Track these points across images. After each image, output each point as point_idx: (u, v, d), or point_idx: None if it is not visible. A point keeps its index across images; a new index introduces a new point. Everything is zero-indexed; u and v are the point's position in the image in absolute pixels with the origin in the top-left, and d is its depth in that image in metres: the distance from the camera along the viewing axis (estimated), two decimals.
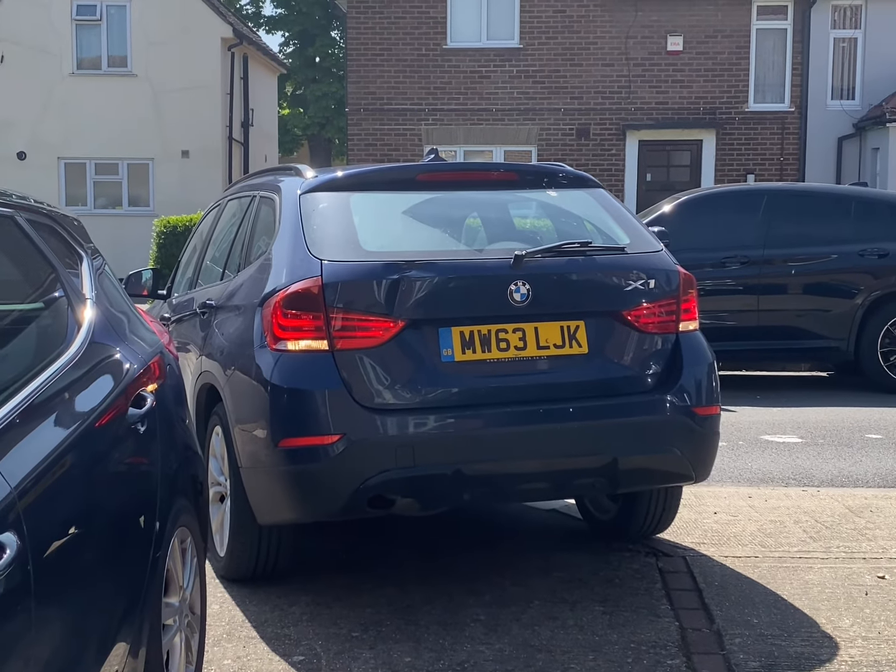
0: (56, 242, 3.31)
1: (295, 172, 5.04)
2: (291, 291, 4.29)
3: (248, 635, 4.23)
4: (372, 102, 22.07)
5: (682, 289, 4.74)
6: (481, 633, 4.24)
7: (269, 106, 31.24)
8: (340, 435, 4.16)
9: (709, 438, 4.72)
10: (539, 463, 4.45)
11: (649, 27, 21.56)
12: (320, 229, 4.52)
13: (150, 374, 3.42)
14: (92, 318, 3.18)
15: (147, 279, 6.29)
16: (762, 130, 21.84)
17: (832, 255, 10.69)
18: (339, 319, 4.23)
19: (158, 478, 3.20)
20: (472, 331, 4.37)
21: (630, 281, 4.63)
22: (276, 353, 4.29)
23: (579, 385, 4.51)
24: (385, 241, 4.67)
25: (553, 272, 4.55)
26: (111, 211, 25.07)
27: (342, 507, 4.24)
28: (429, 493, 4.32)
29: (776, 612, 4.45)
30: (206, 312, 5.16)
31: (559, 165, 5.38)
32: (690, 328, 4.77)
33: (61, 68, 24.90)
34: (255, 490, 4.43)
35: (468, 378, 4.36)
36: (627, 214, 5.07)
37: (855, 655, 4.02)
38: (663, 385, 4.62)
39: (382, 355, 4.24)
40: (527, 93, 21.85)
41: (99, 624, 2.63)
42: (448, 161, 5.69)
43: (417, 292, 4.31)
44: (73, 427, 2.66)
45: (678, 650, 4.08)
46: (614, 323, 4.59)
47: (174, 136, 24.68)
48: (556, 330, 4.49)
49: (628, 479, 4.64)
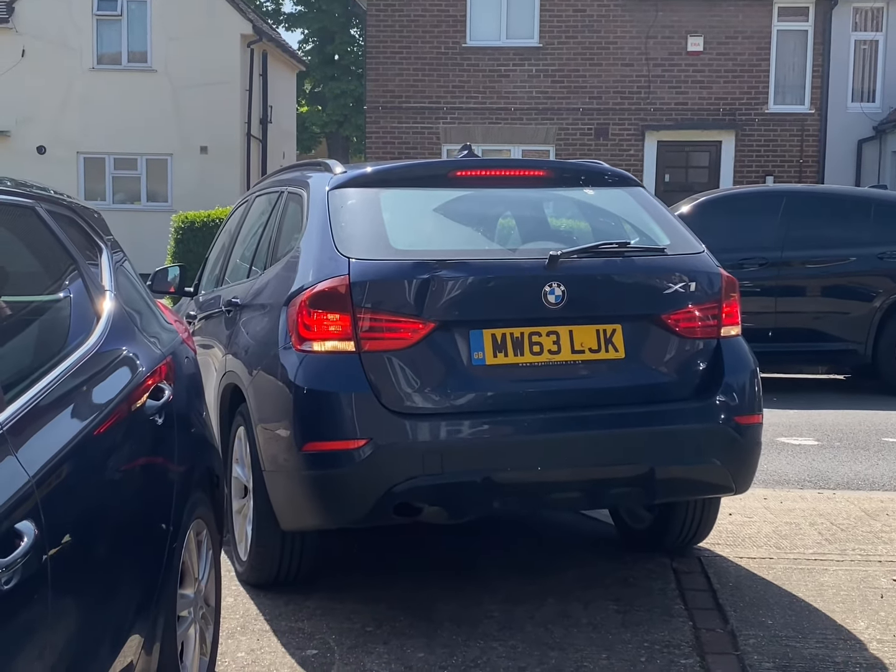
0: (76, 234, 3.33)
1: (324, 168, 4.92)
2: (318, 290, 4.17)
3: (261, 628, 4.24)
4: (390, 101, 22.07)
5: (725, 292, 4.57)
6: (495, 630, 4.24)
7: (288, 103, 31.27)
8: (366, 440, 4.04)
9: (750, 449, 4.54)
10: (572, 472, 4.30)
11: (670, 27, 21.50)
12: (349, 226, 4.40)
13: (168, 367, 3.43)
14: (111, 309, 3.20)
15: (174, 276, 6.13)
16: (782, 132, 21.75)
17: (851, 257, 10.65)
18: (366, 320, 4.10)
19: (175, 469, 3.21)
20: (504, 333, 4.23)
21: (670, 283, 4.46)
22: (301, 353, 4.16)
23: (615, 391, 4.36)
24: (415, 239, 4.55)
25: (589, 273, 4.40)
26: (129, 206, 25.14)
27: (367, 514, 4.11)
28: (457, 501, 4.16)
29: (791, 614, 4.43)
30: (232, 311, 5.07)
31: (596, 163, 5.25)
32: (732, 333, 4.59)
33: (81, 63, 24.99)
34: (278, 494, 4.32)
35: (499, 382, 4.23)
36: (667, 214, 4.90)
37: (869, 658, 4.00)
38: (703, 392, 4.45)
39: (411, 358, 4.11)
40: (546, 92, 21.82)
41: (114, 614, 2.64)
42: (481, 157, 5.56)
43: (448, 293, 4.18)
44: (91, 418, 2.67)
45: (692, 650, 4.07)
46: (653, 327, 4.43)
47: (193, 132, 24.73)
48: (592, 333, 4.34)
49: (665, 490, 4.45)
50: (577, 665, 3.92)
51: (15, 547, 2.04)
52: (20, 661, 2.08)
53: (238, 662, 3.92)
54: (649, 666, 3.92)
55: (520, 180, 4.88)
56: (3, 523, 2.04)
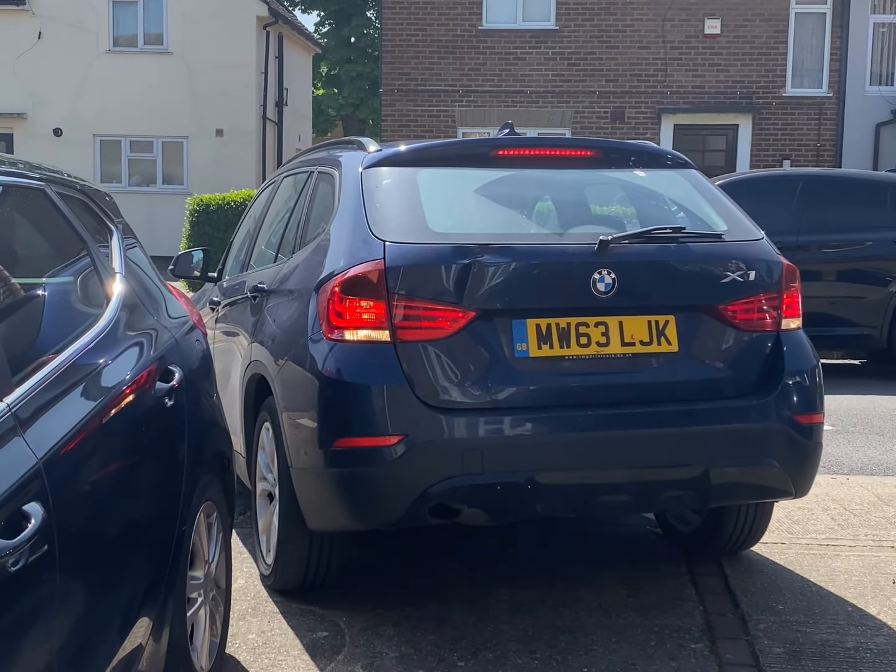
0: (87, 216, 3.33)
1: (357, 146, 4.66)
2: (351, 275, 3.91)
3: (272, 610, 4.25)
4: (406, 83, 22.02)
5: (785, 282, 4.30)
6: (505, 614, 4.24)
7: (304, 86, 31.23)
8: (401, 436, 3.79)
9: (811, 449, 4.26)
10: (622, 473, 4.03)
11: (687, 10, 21.36)
12: (384, 208, 4.14)
13: (178, 349, 3.44)
14: (121, 292, 3.20)
15: (198, 260, 5.88)
16: (799, 115, 21.62)
17: (867, 241, 10.58)
18: (402, 307, 3.85)
19: (185, 452, 3.22)
20: (549, 324, 3.97)
21: (727, 272, 4.18)
22: (332, 342, 3.91)
23: (668, 387, 4.10)
24: (455, 221, 4.32)
25: (642, 260, 4.13)
26: (145, 188, 25.17)
27: (401, 515, 3.86)
28: (498, 503, 3.90)
29: (802, 599, 4.42)
30: (258, 297, 4.81)
31: (646, 143, 4.99)
32: (793, 326, 4.32)
33: (98, 45, 25.00)
34: (305, 493, 4.05)
35: (544, 376, 3.97)
36: (723, 198, 4.63)
37: (881, 644, 4.00)
38: (762, 389, 4.18)
39: (449, 348, 3.86)
40: (562, 75, 21.73)
41: (123, 597, 2.65)
42: (524, 136, 5.23)
43: (490, 280, 3.92)
44: (100, 400, 2.67)
45: (702, 634, 4.07)
46: (708, 318, 4.16)
47: (208, 115, 24.73)
48: (643, 325, 4.07)
49: (720, 494, 4.17)
50: (587, 648, 3.92)
51: (22, 529, 2.05)
52: (28, 643, 2.09)
53: (249, 644, 3.93)
54: (659, 650, 3.92)
55: (566, 160, 4.60)
56: (10, 505, 2.05)
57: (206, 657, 3.39)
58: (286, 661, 3.80)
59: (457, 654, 3.87)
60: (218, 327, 5.52)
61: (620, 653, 3.89)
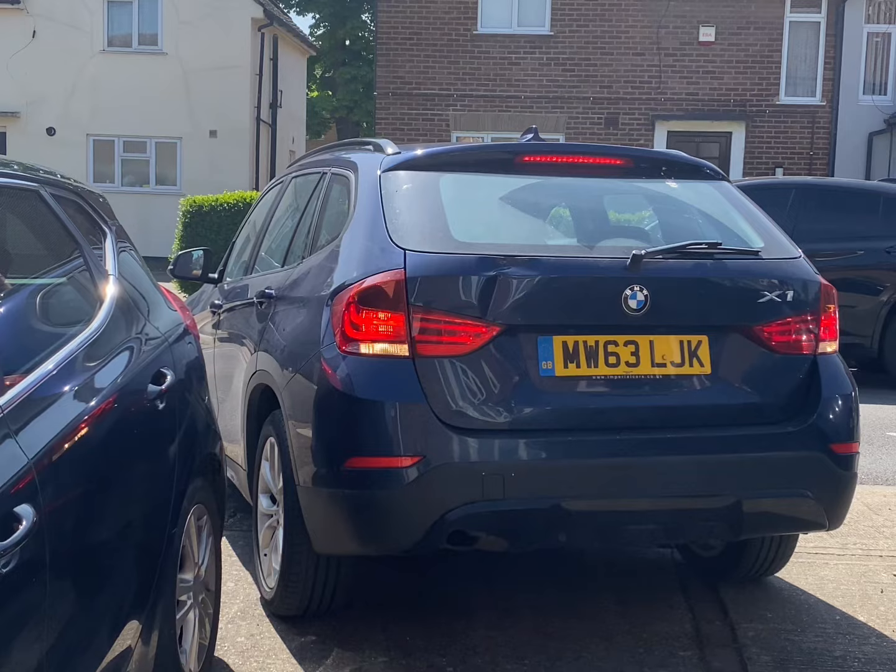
0: (81, 218, 3.33)
1: (374, 148, 4.43)
2: (368, 285, 3.69)
3: (261, 613, 4.25)
4: (401, 87, 22.04)
5: (823, 303, 4.11)
6: (495, 619, 4.24)
7: (298, 88, 31.24)
8: (419, 457, 3.58)
9: (847, 480, 4.05)
10: (650, 502, 3.82)
11: (681, 17, 21.43)
12: (404, 214, 3.92)
13: (171, 352, 3.44)
14: (114, 293, 3.20)
15: (197, 259, 5.69)
16: (792, 124, 21.69)
17: (859, 251, 10.62)
18: (422, 320, 3.65)
19: (176, 455, 3.22)
20: (576, 341, 3.78)
21: (764, 291, 3.98)
22: (346, 355, 3.70)
23: (699, 411, 3.90)
24: (479, 230, 4.08)
25: (676, 276, 3.93)
26: (138, 189, 25.16)
27: (416, 542, 3.64)
28: (520, 531, 3.71)
29: (790, 607, 4.44)
30: (265, 302, 4.54)
31: (678, 153, 4.73)
32: (829, 350, 4.13)
33: (92, 45, 24.98)
34: (313, 514, 3.83)
35: (570, 397, 3.78)
36: (759, 213, 4.41)
37: (868, 653, 4.01)
38: (797, 416, 3.97)
39: (471, 365, 3.66)
40: (556, 80, 21.77)
41: (113, 599, 2.65)
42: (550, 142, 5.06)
43: (515, 293, 3.72)
44: (92, 402, 2.67)
45: (691, 642, 4.08)
46: (743, 340, 3.97)
47: (202, 116, 24.73)
48: (675, 345, 3.88)
49: (752, 525, 3.97)
50: (577, 655, 3.93)
51: (13, 531, 2.05)
52: (18, 644, 2.08)
53: (238, 647, 3.93)
54: (648, 657, 3.93)
55: (594, 168, 4.40)
56: (1, 507, 2.05)
57: (194, 660, 3.39)
58: (275, 664, 3.80)
59: (446, 658, 3.87)
60: (219, 332, 5.32)
61: (609, 660, 3.90)
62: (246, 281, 5.20)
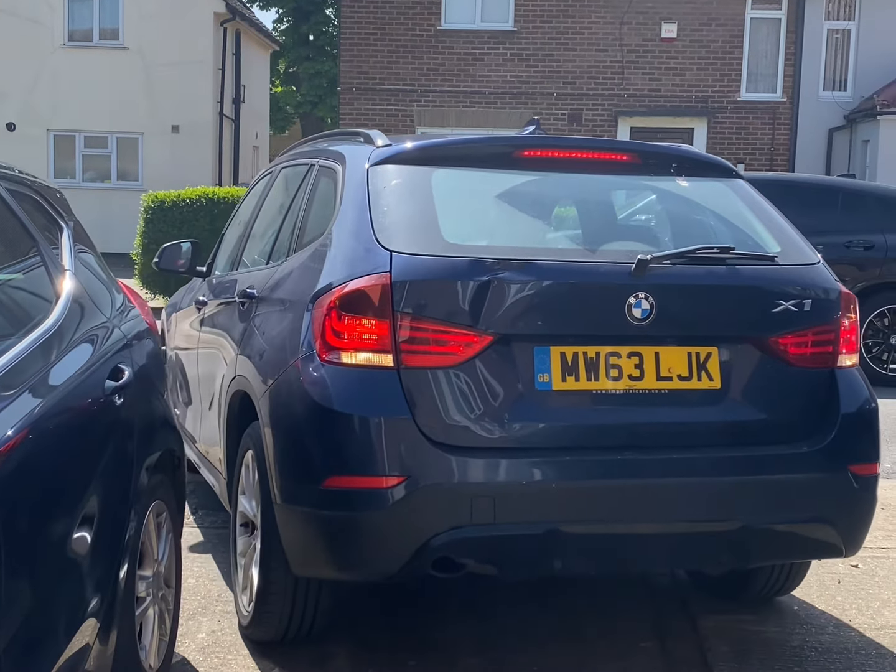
0: (37, 214, 3.31)
1: (364, 139, 4.16)
2: (351, 289, 3.45)
3: (223, 610, 4.24)
4: (364, 82, 22.01)
5: (843, 313, 3.82)
6: (455, 613, 4.26)
7: (262, 83, 31.09)
8: (403, 477, 3.33)
9: (865, 504, 3.77)
10: (651, 527, 3.56)
11: (644, 13, 21.54)
12: (392, 212, 3.67)
13: (128, 347, 3.42)
14: (71, 289, 3.18)
15: (185, 251, 5.38)
16: (753, 120, 21.87)
17: (818, 245, 10.63)
18: (408, 328, 3.40)
19: (134, 451, 3.20)
20: (575, 352, 3.51)
21: (780, 300, 3.69)
22: (327, 364, 3.45)
23: (707, 429, 3.63)
24: (472, 231, 3.83)
25: (684, 284, 3.65)
26: (99, 184, 24.94)
27: (399, 569, 3.40)
28: (511, 558, 3.48)
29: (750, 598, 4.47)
30: (246, 303, 4.30)
31: (689, 148, 4.44)
32: (848, 364, 3.83)
33: (53, 40, 24.73)
34: (290, 535, 3.57)
35: (568, 413, 3.52)
36: (776, 215, 4.14)
37: (825, 642, 4.06)
38: (813, 435, 3.69)
39: (461, 378, 3.40)
40: (520, 76, 21.82)
41: (70, 596, 2.63)
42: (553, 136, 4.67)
43: (510, 300, 3.45)
44: (48, 398, 2.65)
45: (652, 633, 4.11)
46: (756, 352, 3.68)
47: (164, 111, 24.55)
48: (682, 357, 3.61)
49: (762, 553, 3.75)
50: (539, 647, 3.95)
51: None
52: None
53: (198, 643, 3.92)
54: (610, 650, 3.95)
55: (599, 164, 4.14)
56: None
57: (154, 656, 3.38)
58: (235, 660, 3.79)
59: (406, 652, 3.88)
60: (203, 330, 5.06)
61: (570, 651, 3.92)
62: (231, 277, 4.96)
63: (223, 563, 4.72)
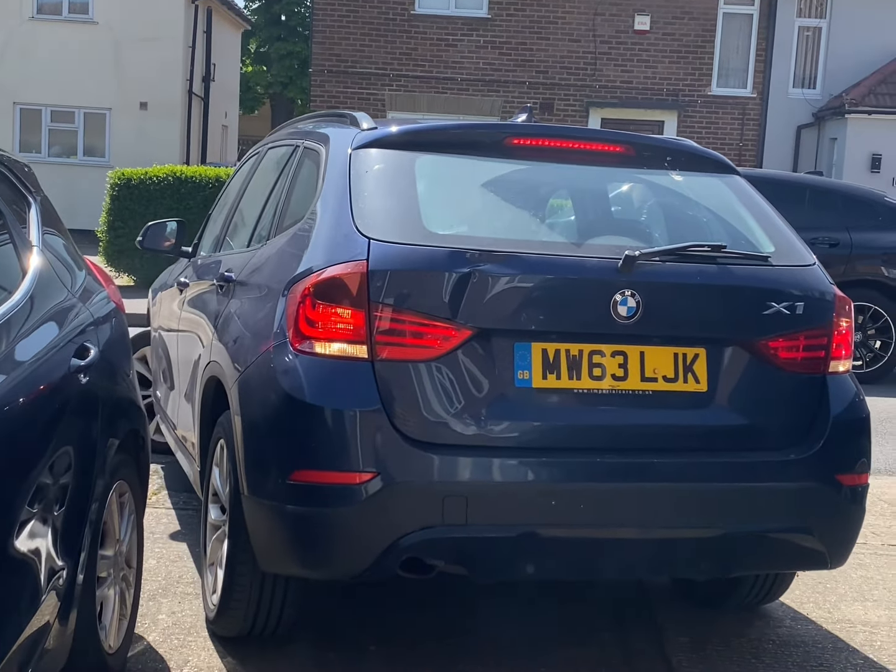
0: (4, 188, 3.27)
1: (350, 121, 4.04)
2: (327, 276, 3.34)
3: (183, 591, 4.23)
4: (336, 64, 21.91)
5: (837, 317, 3.70)
6: (415, 602, 4.27)
7: (232, 62, 30.89)
8: (373, 473, 3.22)
9: (853, 515, 3.68)
10: (631, 531, 3.44)
11: (617, 5, 21.58)
12: (373, 198, 3.56)
13: (95, 325, 3.39)
14: (38, 265, 3.15)
15: (171, 232, 5.29)
16: (723, 115, 21.98)
17: None
18: (385, 319, 3.28)
19: (98, 430, 3.17)
20: (557, 349, 3.40)
21: (772, 302, 3.57)
22: (299, 354, 3.33)
23: (691, 432, 3.51)
24: (455, 220, 3.71)
25: (673, 282, 3.52)
26: (66, 160, 24.70)
27: (365, 568, 3.29)
28: (483, 560, 3.36)
29: (710, 590, 4.51)
30: (224, 286, 4.20)
31: (686, 142, 4.31)
32: (841, 369, 3.71)
33: (21, 12, 24.45)
34: (257, 528, 3.46)
35: (547, 412, 3.40)
36: (771, 213, 4.02)
37: (782, 635, 4.11)
38: (801, 442, 3.58)
39: (437, 372, 3.29)
40: (492, 64, 21.80)
41: (30, 574, 2.61)
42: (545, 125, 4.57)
43: (491, 293, 3.34)
44: (12, 374, 2.63)
45: (611, 623, 4.13)
46: (745, 355, 3.56)
47: (133, 88, 24.34)
48: (669, 357, 3.50)
49: (744, 562, 3.64)
50: (493, 636, 3.97)
51: None
52: None
53: (159, 624, 3.90)
54: (569, 637, 3.98)
55: (592, 155, 4.00)
56: None
57: (114, 636, 3.36)
58: (196, 641, 3.78)
59: (368, 638, 3.88)
60: (184, 312, 4.93)
61: (525, 637, 3.94)
62: (213, 259, 4.86)
63: (185, 545, 4.70)
